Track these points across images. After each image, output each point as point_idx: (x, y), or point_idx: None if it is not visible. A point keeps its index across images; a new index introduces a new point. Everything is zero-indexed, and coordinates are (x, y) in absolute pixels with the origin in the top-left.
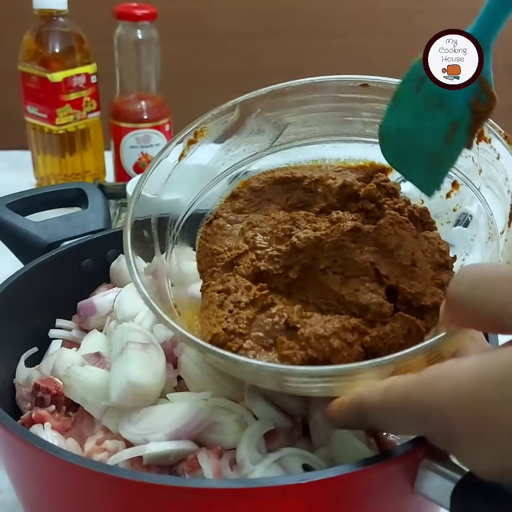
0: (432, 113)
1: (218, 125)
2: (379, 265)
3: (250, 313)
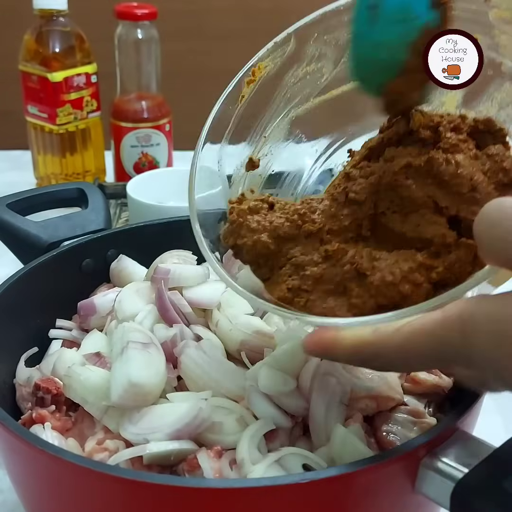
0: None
1: (275, 59)
2: (437, 197)
3: (318, 270)
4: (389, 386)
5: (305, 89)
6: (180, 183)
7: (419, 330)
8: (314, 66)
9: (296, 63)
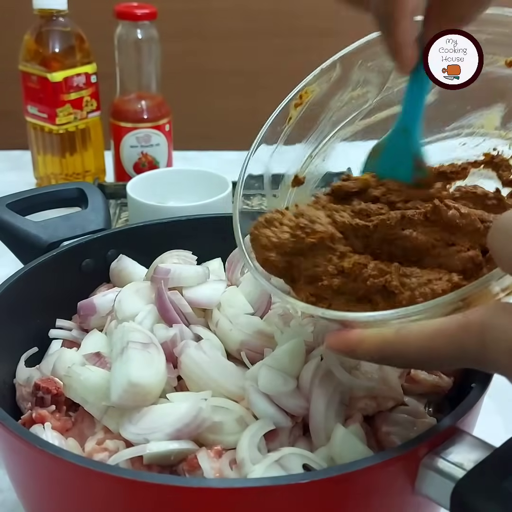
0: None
1: (322, 84)
2: (451, 240)
3: (336, 282)
4: (389, 386)
5: (350, 113)
6: (180, 183)
7: (440, 332)
8: (359, 91)
9: (342, 88)
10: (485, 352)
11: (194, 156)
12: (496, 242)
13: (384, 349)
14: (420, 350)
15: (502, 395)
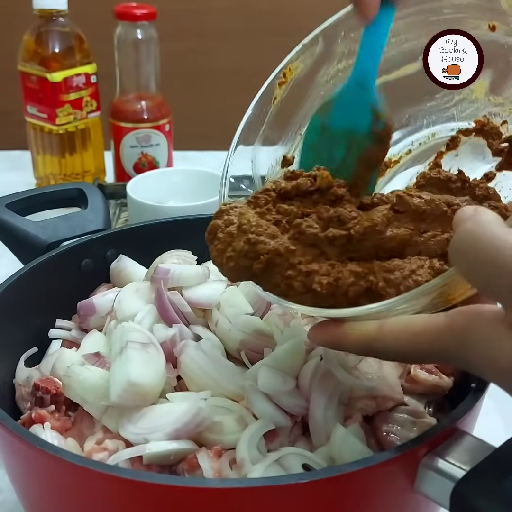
0: (339, 152)
1: (306, 60)
2: (422, 228)
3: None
4: (389, 386)
5: (338, 86)
6: (180, 183)
7: (423, 332)
8: (345, 63)
9: (327, 62)
10: (466, 353)
11: (194, 156)
12: (457, 259)
13: (368, 344)
14: (402, 348)
15: (502, 395)
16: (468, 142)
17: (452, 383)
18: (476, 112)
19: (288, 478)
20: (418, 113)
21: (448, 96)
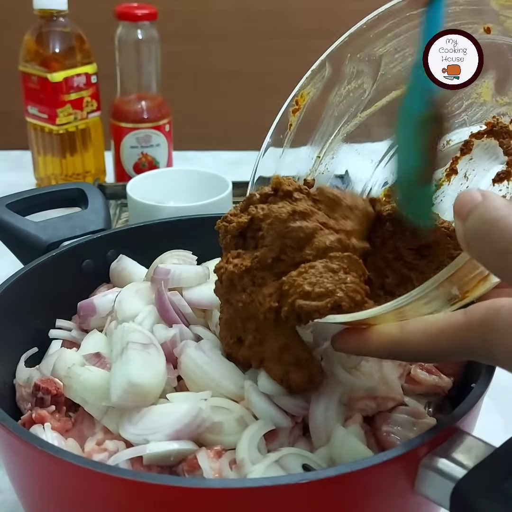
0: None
1: (316, 84)
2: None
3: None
4: (389, 386)
5: (351, 106)
6: (180, 183)
7: (443, 332)
8: (355, 83)
9: (337, 84)
10: (486, 349)
11: (194, 156)
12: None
13: (391, 347)
14: (425, 347)
15: (502, 395)
16: (481, 144)
17: (452, 383)
18: (486, 114)
19: (288, 479)
20: None
21: (457, 102)
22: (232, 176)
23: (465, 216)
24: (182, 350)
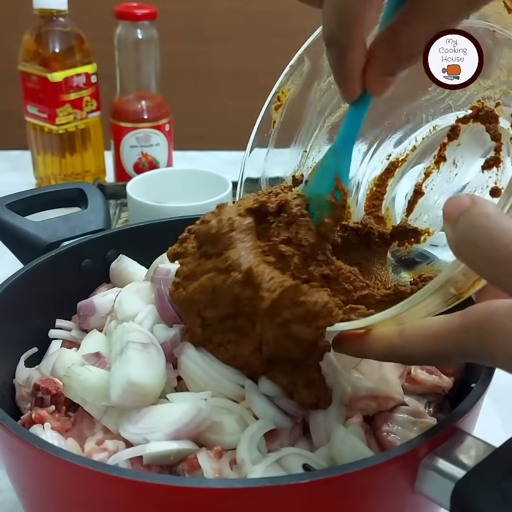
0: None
1: (296, 80)
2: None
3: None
4: (389, 386)
5: (333, 98)
6: (180, 183)
7: (441, 335)
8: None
9: (317, 78)
10: (485, 350)
11: (194, 156)
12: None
13: (391, 352)
14: (424, 351)
15: (502, 395)
16: (467, 130)
17: (452, 383)
18: (471, 98)
19: (288, 479)
20: (416, 109)
21: (440, 87)
22: (232, 176)
23: (454, 221)
24: (182, 350)
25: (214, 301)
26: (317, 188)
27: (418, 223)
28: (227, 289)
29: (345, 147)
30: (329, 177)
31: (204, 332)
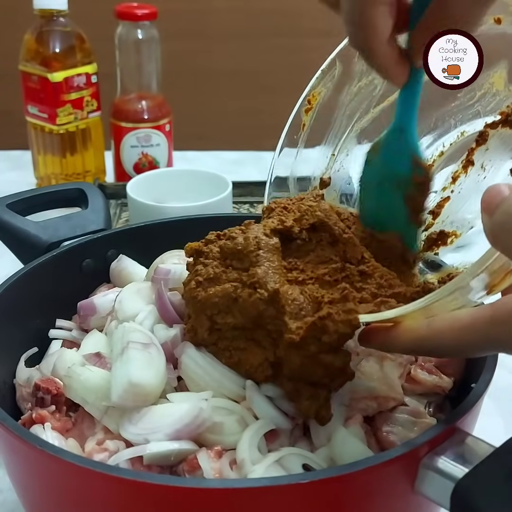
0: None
1: (327, 84)
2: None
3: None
4: (389, 386)
5: (362, 102)
6: (180, 183)
7: (470, 328)
8: (365, 80)
9: (348, 82)
10: None
11: (194, 156)
12: (499, 242)
13: (419, 344)
14: (452, 343)
15: (502, 395)
16: (496, 135)
17: (452, 383)
18: (500, 104)
19: (288, 479)
20: (445, 115)
21: (470, 93)
22: (232, 176)
23: (492, 210)
24: (183, 350)
25: (232, 310)
26: (391, 168)
27: (445, 226)
28: (252, 304)
29: (409, 125)
30: (404, 157)
31: (210, 336)
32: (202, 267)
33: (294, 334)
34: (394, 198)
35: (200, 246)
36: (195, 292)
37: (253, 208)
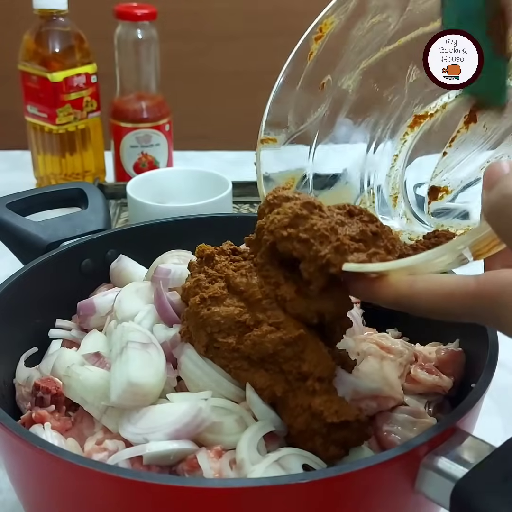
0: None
1: (340, 15)
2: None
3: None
4: (389, 386)
5: (373, 40)
6: (180, 183)
7: (453, 297)
8: (379, 17)
9: (361, 16)
10: (498, 318)
11: (194, 156)
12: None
13: (399, 300)
14: (432, 306)
15: (502, 395)
16: None
17: (452, 383)
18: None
19: (288, 478)
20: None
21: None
22: (233, 176)
23: (490, 187)
24: (182, 350)
25: (234, 332)
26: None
27: (437, 180)
28: (271, 340)
29: None
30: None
31: (206, 353)
32: (205, 277)
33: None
34: (476, 35)
35: (213, 252)
36: (198, 308)
37: (253, 208)
